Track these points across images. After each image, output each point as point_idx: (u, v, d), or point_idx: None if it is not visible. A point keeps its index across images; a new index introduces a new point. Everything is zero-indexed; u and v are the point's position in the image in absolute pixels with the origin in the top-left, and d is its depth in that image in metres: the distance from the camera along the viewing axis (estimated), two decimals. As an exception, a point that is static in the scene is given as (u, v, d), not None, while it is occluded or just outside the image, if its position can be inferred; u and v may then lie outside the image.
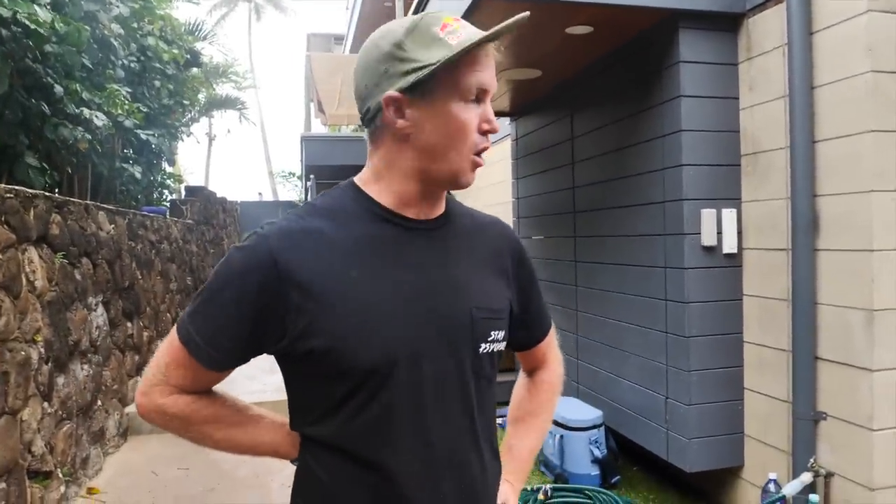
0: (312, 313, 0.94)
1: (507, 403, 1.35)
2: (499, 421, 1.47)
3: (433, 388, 1.00)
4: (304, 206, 1.05)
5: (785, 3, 2.81)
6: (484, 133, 0.99)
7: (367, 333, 0.95)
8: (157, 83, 7.44)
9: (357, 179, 1.06)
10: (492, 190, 7.61)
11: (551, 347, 1.32)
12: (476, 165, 1.00)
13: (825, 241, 2.71)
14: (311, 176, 11.39)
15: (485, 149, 1.00)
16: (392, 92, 0.96)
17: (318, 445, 1.03)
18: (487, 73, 0.97)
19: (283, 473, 3.92)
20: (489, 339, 1.06)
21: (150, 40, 6.89)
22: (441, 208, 1.08)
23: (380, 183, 1.03)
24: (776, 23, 2.93)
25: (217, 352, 0.99)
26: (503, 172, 6.72)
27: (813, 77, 2.74)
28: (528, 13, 0.93)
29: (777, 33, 2.93)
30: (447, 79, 0.95)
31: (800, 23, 2.74)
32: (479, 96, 0.98)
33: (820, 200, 2.73)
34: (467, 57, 0.94)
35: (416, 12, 4.28)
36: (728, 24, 3.19)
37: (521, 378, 1.35)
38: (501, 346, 1.10)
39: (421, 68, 0.94)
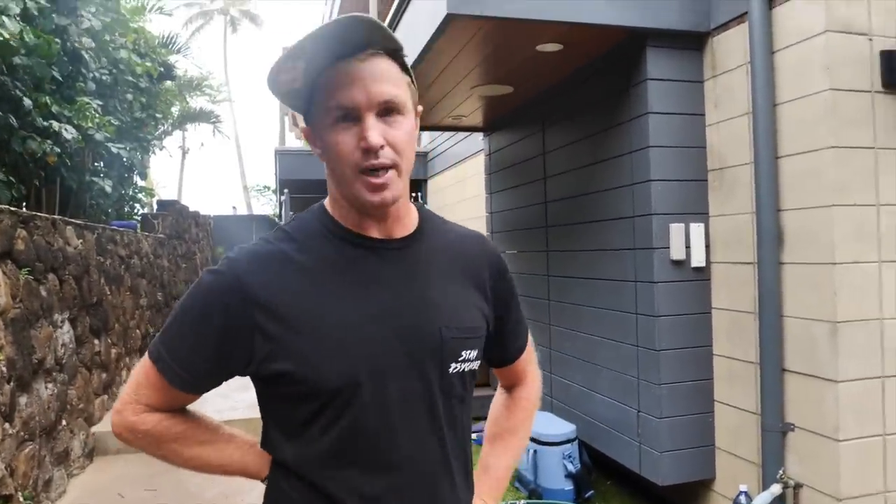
0: (277, 335, 0.95)
1: (483, 418, 1.35)
2: (474, 436, 1.46)
3: (399, 408, 0.99)
4: (275, 230, 1.06)
5: (747, 23, 2.88)
6: (364, 151, 0.94)
7: (329, 354, 0.95)
8: (130, 96, 7.37)
9: (326, 201, 1.07)
10: (466, 204, 7.64)
11: (530, 364, 1.31)
12: (368, 185, 0.95)
13: (790, 254, 2.76)
14: (286, 190, 11.34)
15: (372, 167, 0.94)
16: (303, 125, 1.04)
17: (286, 467, 1.02)
18: (348, 92, 0.94)
19: (252, 493, 3.86)
20: (460, 358, 1.04)
21: (123, 53, 6.82)
22: (408, 227, 1.07)
23: (336, 206, 1.05)
24: (739, 42, 3.00)
25: (186, 372, 1.00)
26: (477, 187, 6.75)
27: (775, 95, 2.81)
28: (354, 17, 0.91)
29: (740, 52, 3.00)
30: (317, 107, 0.98)
31: (761, 42, 2.81)
32: (350, 115, 0.94)
33: (784, 215, 2.78)
34: (324, 78, 0.95)
35: (392, 21, 4.31)
36: (694, 43, 3.26)
37: (499, 394, 1.34)
38: (474, 364, 1.08)
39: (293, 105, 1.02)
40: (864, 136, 2.59)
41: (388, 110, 0.96)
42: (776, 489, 2.69)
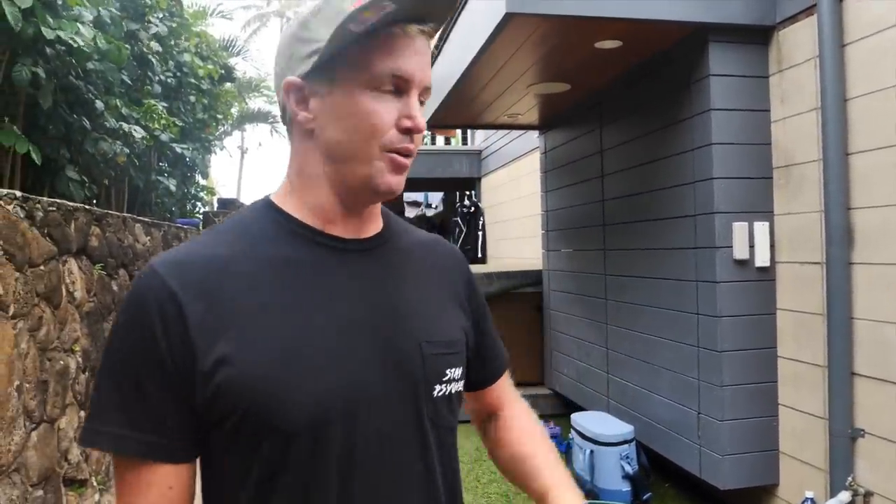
0: (224, 362, 0.74)
1: (548, 416, 1.20)
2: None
3: (380, 449, 0.80)
4: (203, 231, 0.88)
5: (816, 16, 2.79)
6: (404, 131, 0.80)
7: (292, 378, 0.75)
8: (192, 98, 7.63)
9: (273, 195, 0.88)
10: (521, 203, 7.62)
11: (508, 387, 1.11)
12: (396, 166, 0.81)
13: (860, 254, 2.66)
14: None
15: (406, 149, 0.81)
16: (292, 77, 0.81)
17: None
18: (409, 61, 0.79)
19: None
20: (444, 378, 0.86)
21: (186, 56, 7.07)
22: (376, 226, 0.90)
23: (294, 196, 0.85)
24: (807, 35, 2.91)
25: (152, 432, 0.74)
26: (532, 185, 6.72)
27: (845, 89, 2.71)
28: None
29: (808, 45, 2.91)
30: (354, 63, 0.78)
31: (831, 35, 2.72)
32: (398, 86, 0.79)
33: (854, 213, 2.69)
34: (381, 39, 0.77)
35: (446, 28, 4.33)
36: (758, 37, 3.17)
37: (493, 426, 1.09)
38: (460, 385, 0.90)
39: (319, 49, 0.78)
40: (943, 131, 2.48)
41: (422, 100, 0.83)
42: (845, 497, 2.60)
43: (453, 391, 0.88)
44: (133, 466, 0.75)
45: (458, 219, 9.69)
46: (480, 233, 9.27)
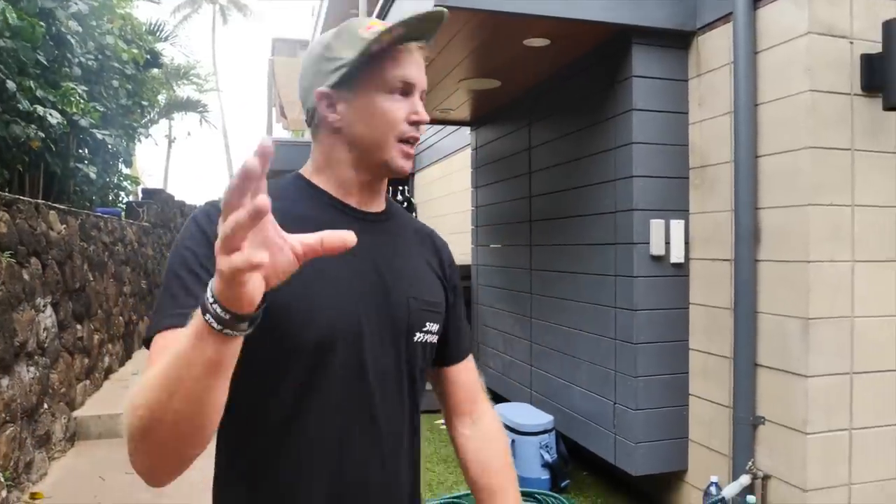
0: None
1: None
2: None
3: (369, 369, 1.02)
4: None
5: (732, 23, 2.93)
6: (413, 123, 1.04)
7: (308, 308, 0.96)
8: (116, 83, 7.31)
9: (302, 171, 1.11)
10: (453, 199, 7.66)
11: (480, 386, 1.28)
12: (405, 154, 1.05)
13: (766, 251, 2.82)
14: (273, 181, 11.28)
15: (414, 138, 1.05)
16: (323, 88, 1.04)
17: (256, 451, 0.98)
18: (410, 69, 1.03)
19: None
20: (424, 328, 1.09)
21: (109, 39, 6.77)
22: (382, 205, 1.13)
23: (322, 174, 1.08)
24: (724, 41, 3.05)
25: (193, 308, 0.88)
26: (464, 181, 6.78)
27: (757, 94, 2.86)
28: (444, 11, 1.01)
29: (725, 52, 3.05)
30: (371, 74, 1.02)
31: (745, 42, 2.86)
32: (405, 89, 1.04)
33: (761, 213, 2.84)
34: (388, 53, 1.01)
35: (379, 17, 4.32)
36: (679, 42, 3.30)
37: (471, 431, 1.25)
38: (434, 339, 1.13)
39: (345, 65, 1.02)
40: (842, 137, 2.65)
41: (421, 98, 1.07)
42: (745, 480, 2.75)
43: (428, 341, 1.11)
44: (171, 336, 0.85)
45: (392, 213, 9.61)
46: (414, 228, 9.22)
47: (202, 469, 1.01)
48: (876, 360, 2.69)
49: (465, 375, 1.26)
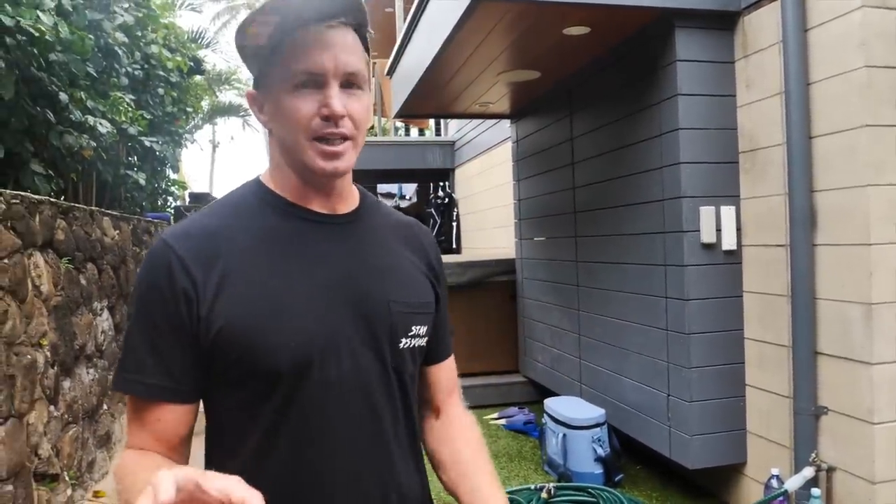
0: (222, 316, 0.89)
1: (510, 404, 1.25)
2: (503, 421, 1.30)
3: (351, 386, 0.95)
4: (206, 205, 1.02)
5: (780, 1, 2.83)
6: (324, 118, 0.91)
7: (279, 327, 0.90)
8: (161, 90, 7.50)
9: (262, 175, 1.04)
10: (494, 193, 7.63)
11: (457, 384, 1.23)
12: (321, 152, 0.93)
13: (823, 235, 2.72)
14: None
15: (331, 134, 0.92)
16: (249, 90, 1.00)
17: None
18: (319, 57, 0.90)
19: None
20: (410, 333, 1.01)
21: (154, 48, 6.94)
22: (350, 204, 1.04)
23: (275, 177, 1.01)
24: (771, 20, 2.95)
25: (164, 375, 0.90)
26: (505, 175, 6.74)
27: (808, 73, 2.76)
28: None
29: (772, 30, 2.95)
30: (277, 70, 0.93)
31: (794, 20, 2.76)
32: (315, 81, 0.91)
33: (817, 196, 2.74)
34: (288, 45, 0.91)
35: (414, 16, 4.32)
36: (724, 23, 3.21)
37: (437, 422, 1.19)
38: (423, 341, 1.05)
39: (252, 66, 0.98)
40: (901, 113, 2.54)
41: (350, 83, 0.93)
42: (809, 472, 2.66)
43: (416, 345, 1.03)
44: (143, 405, 0.91)
45: (433, 210, 9.68)
46: (455, 223, 9.27)
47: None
48: (945, 346, 2.57)
49: (446, 374, 1.19)
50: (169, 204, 9.36)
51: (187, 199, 10.95)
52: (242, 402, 0.93)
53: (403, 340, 1.00)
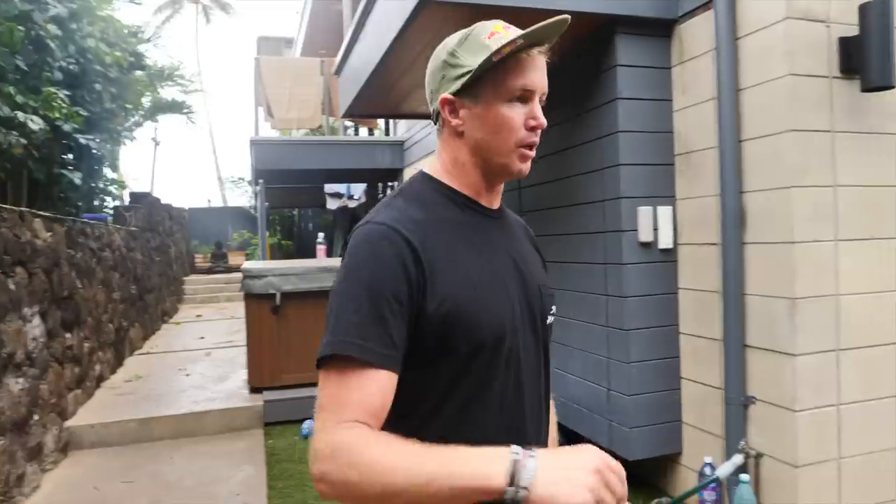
0: (444, 298, 1.01)
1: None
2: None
3: (526, 358, 1.12)
4: (392, 199, 1.12)
5: (713, 10, 2.96)
6: (531, 129, 1.09)
7: (482, 304, 1.05)
8: (98, 86, 7.26)
9: (430, 171, 1.18)
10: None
11: None
12: (524, 157, 1.11)
13: (752, 234, 2.86)
14: (261, 181, 11.26)
15: (533, 143, 1.10)
16: (446, 94, 1.10)
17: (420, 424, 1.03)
18: (532, 75, 1.07)
19: (230, 482, 3.87)
20: (551, 312, 1.22)
21: (90, 42, 6.72)
22: (499, 202, 1.21)
23: (451, 174, 1.15)
24: (705, 29, 3.08)
25: (390, 345, 0.96)
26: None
27: (739, 80, 2.89)
28: (567, 17, 1.03)
29: (706, 38, 3.08)
30: (492, 82, 1.06)
31: (726, 29, 2.89)
32: (524, 96, 1.07)
33: (746, 196, 2.88)
34: (510, 60, 1.05)
35: (361, 17, 4.32)
36: (662, 30, 3.33)
37: None
38: (553, 319, 1.26)
39: (467, 73, 1.07)
40: (822, 119, 2.69)
41: (541, 100, 1.11)
42: (738, 459, 2.79)
43: (552, 322, 1.24)
44: (359, 370, 0.95)
45: (381, 210, 9.61)
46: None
47: (195, 473, 1.02)
48: (861, 337, 2.74)
49: None
50: (107, 204, 9.06)
51: (126, 200, 10.62)
52: (446, 374, 1.04)
53: (549, 318, 1.21)
